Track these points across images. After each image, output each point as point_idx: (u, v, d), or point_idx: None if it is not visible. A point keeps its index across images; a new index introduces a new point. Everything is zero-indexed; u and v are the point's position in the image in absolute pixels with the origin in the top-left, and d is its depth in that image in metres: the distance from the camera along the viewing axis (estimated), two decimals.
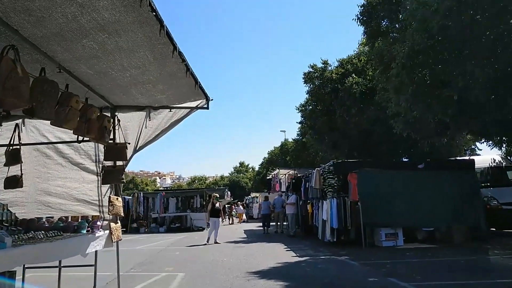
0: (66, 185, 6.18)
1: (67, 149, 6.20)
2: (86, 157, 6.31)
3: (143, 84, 5.35)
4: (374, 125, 19.75)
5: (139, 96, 5.82)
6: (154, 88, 5.55)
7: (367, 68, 20.66)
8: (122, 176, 6.11)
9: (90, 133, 5.11)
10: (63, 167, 6.18)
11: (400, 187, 13.20)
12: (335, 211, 13.29)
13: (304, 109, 23.93)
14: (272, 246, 14.25)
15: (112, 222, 6.08)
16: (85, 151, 6.31)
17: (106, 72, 4.86)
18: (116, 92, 5.59)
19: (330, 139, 22.07)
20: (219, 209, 16.26)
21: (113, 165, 6.07)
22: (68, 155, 6.19)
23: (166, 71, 4.99)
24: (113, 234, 6.00)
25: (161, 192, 27.08)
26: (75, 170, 6.25)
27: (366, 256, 11.17)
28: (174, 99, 6.13)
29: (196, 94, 5.92)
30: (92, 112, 5.09)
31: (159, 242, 16.73)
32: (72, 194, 6.22)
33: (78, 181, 6.25)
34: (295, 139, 37.50)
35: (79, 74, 4.87)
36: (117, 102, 6.04)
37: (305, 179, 17.12)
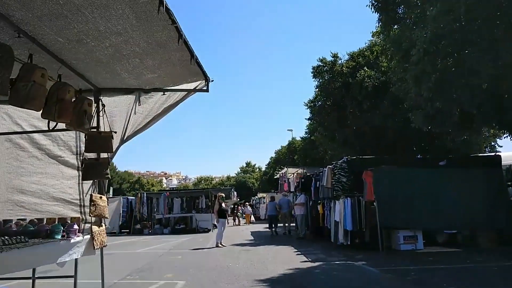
0: (42, 182, 5.23)
1: (44, 139, 5.23)
2: (65, 149, 5.36)
3: (128, 58, 4.41)
4: (388, 121, 18.71)
5: (126, 76, 4.87)
6: (142, 64, 4.60)
7: (380, 60, 19.61)
8: (106, 170, 5.17)
9: (63, 117, 4.17)
10: (39, 161, 5.22)
11: (420, 186, 12.18)
12: (349, 212, 12.31)
13: (313, 105, 22.85)
14: (281, 250, 13.27)
15: (94, 225, 5.13)
16: (65, 141, 5.35)
17: (80, 40, 3.91)
18: (98, 70, 4.65)
19: (340, 136, 20.98)
20: (226, 210, 15.34)
21: (96, 158, 5.14)
22: (44, 146, 5.22)
23: (154, 39, 4.04)
24: (95, 240, 5.05)
25: (165, 192, 26.12)
26: (53, 164, 5.30)
27: (385, 262, 10.19)
28: (168, 80, 5.18)
29: (193, 73, 4.98)
30: (65, 91, 4.15)
31: (161, 245, 15.81)
32: (49, 192, 5.27)
33: (56, 176, 5.30)
34: (303, 137, 36.46)
35: (46, 42, 3.92)
36: (101, 83, 5.10)
37: (316, 178, 16.13)
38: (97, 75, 4.83)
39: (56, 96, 4.04)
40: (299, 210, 17.20)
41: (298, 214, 17.33)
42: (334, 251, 12.31)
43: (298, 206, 17.32)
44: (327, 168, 13.84)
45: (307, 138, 34.72)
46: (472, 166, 12.92)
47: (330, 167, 13.75)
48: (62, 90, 4.10)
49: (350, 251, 11.93)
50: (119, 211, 23.92)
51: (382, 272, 8.75)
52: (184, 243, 16.26)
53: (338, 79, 20.74)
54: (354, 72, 20.14)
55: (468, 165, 13.02)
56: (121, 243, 17.12)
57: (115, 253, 13.20)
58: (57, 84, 4.13)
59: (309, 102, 23.15)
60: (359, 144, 19.67)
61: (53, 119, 4.13)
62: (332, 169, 13.65)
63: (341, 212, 12.62)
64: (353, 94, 19.52)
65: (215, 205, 15.20)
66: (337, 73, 20.94)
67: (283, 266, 9.75)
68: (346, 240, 12.46)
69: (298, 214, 17.33)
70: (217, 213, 14.55)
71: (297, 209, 17.39)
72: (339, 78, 20.77)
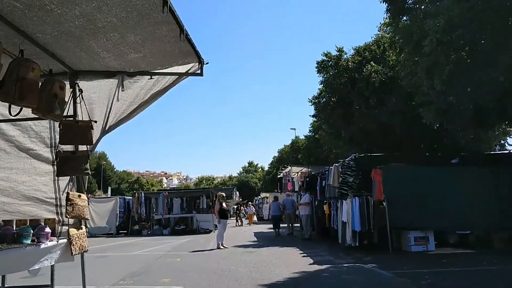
0: (11, 178, 4.53)
1: (12, 130, 4.51)
2: (38, 141, 4.67)
3: (106, 32, 3.72)
4: (395, 118, 18.00)
5: (106, 55, 4.19)
6: (123, 41, 3.91)
7: (388, 54, 18.90)
8: (86, 165, 4.50)
9: (26, 100, 3.50)
10: (7, 154, 4.51)
11: (431, 184, 11.53)
12: (357, 212, 11.64)
13: (318, 102, 22.05)
14: (286, 251, 12.58)
15: (72, 228, 4.47)
16: (37, 132, 4.66)
17: (42, 6, 3.23)
18: (70, 47, 3.96)
19: (346, 134, 20.22)
20: (228, 209, 14.66)
21: (73, 151, 4.48)
22: (13, 138, 4.51)
23: (133, 7, 3.35)
24: (73, 245, 4.38)
25: (164, 192, 25.40)
26: (24, 158, 4.60)
27: (396, 264, 9.54)
28: (155, 61, 4.49)
29: (184, 53, 4.29)
30: (28, 69, 3.47)
31: (160, 246, 15.14)
32: (20, 190, 4.58)
33: (28, 172, 4.62)
34: (307, 135, 35.73)
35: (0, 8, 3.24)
36: (77, 64, 4.41)
37: (321, 176, 15.46)
38: (70, 54, 4.14)
39: (17, 74, 3.37)
40: (304, 210, 16.53)
41: (303, 214, 16.67)
42: (342, 252, 11.66)
43: (302, 206, 16.65)
44: (333, 167, 13.17)
45: (311, 136, 34.00)
46: (485, 164, 12.27)
47: (337, 165, 13.07)
48: (24, 67, 3.43)
49: (359, 253, 11.32)
50: (116, 212, 23.22)
51: (394, 276, 8.13)
52: (183, 245, 15.59)
53: (344, 74, 20.03)
54: (360, 67, 19.43)
55: (481, 163, 12.35)
56: (117, 245, 16.47)
57: (109, 255, 12.54)
58: (18, 60, 3.46)
59: (313, 98, 22.36)
60: (366, 142, 18.92)
61: (13, 102, 3.46)
62: (338, 168, 12.97)
63: (349, 212, 11.96)
64: (359, 90, 18.82)
65: (215, 205, 14.51)
66: (342, 68, 20.22)
67: (288, 269, 9.12)
68: (354, 241, 11.81)
69: (303, 214, 16.67)
70: (217, 213, 13.87)
71: (302, 209, 16.73)
72: (344, 73, 20.06)
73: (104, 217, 23.21)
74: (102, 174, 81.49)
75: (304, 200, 16.63)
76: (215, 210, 14.23)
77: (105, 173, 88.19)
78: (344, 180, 11.99)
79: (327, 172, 14.71)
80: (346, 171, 12.09)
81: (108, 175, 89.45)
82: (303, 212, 16.62)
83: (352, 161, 12.07)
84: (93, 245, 16.72)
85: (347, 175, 11.99)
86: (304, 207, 16.54)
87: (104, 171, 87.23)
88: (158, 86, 4.73)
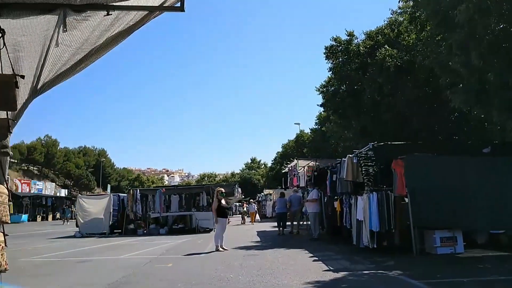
0: None
1: None
2: None
3: None
4: (412, 106, 16.45)
5: None
6: None
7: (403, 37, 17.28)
8: (5, 140, 2.98)
9: None
10: None
11: (460, 177, 9.98)
12: (375, 209, 10.13)
13: (326, 90, 20.44)
14: (293, 254, 11.06)
15: None
16: None
17: None
18: None
19: (357, 124, 18.55)
20: (227, 207, 13.13)
21: None
22: None
23: None
24: None
25: (161, 188, 23.82)
26: None
27: (426, 271, 8.10)
28: None
29: None
30: None
31: (153, 248, 13.64)
32: None
33: None
34: (313, 128, 34.04)
35: None
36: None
37: (332, 170, 13.92)
38: None
39: None
40: (311, 207, 15.00)
41: (311, 212, 15.14)
42: (358, 256, 10.18)
43: (310, 203, 15.12)
44: (346, 158, 11.62)
45: (317, 129, 32.34)
46: None
47: (351, 157, 11.52)
48: None
49: (378, 256, 9.86)
50: (110, 210, 21.69)
51: (428, 286, 6.61)
52: (179, 246, 14.09)
53: (355, 60, 18.42)
54: (373, 52, 17.84)
55: None
56: (107, 247, 14.98)
57: (93, 260, 11.04)
58: None
59: (321, 87, 20.69)
60: (379, 133, 17.31)
61: None
62: (353, 159, 11.44)
63: (366, 209, 10.44)
64: (372, 76, 17.24)
65: (213, 202, 12.96)
66: (353, 54, 18.61)
67: (299, 278, 7.65)
68: (372, 242, 10.31)
69: (311, 212, 15.14)
70: (215, 212, 12.34)
71: (309, 206, 15.20)
72: (355, 59, 18.46)
73: (96, 216, 21.72)
74: (102, 171, 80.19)
75: (312, 197, 15.10)
76: (212, 208, 12.68)
77: (105, 170, 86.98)
78: (368, 171, 10.44)
79: (339, 165, 13.19)
80: (366, 162, 10.53)
81: (107, 172, 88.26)
82: (310, 210, 15.10)
83: (371, 151, 10.49)
84: (81, 246, 15.34)
85: (368, 166, 10.45)
86: (312, 204, 15.02)
87: (104, 168, 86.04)
88: (118, 25, 3.20)
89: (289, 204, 18.70)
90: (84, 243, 16.68)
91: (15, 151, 66.98)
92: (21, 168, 70.68)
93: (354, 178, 11.32)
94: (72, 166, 77.42)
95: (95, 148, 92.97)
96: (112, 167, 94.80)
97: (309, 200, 15.24)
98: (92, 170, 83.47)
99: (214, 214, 12.33)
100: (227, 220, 12.93)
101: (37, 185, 62.06)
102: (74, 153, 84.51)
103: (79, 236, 21.07)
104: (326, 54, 19.34)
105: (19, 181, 56.38)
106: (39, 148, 71.57)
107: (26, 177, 64.26)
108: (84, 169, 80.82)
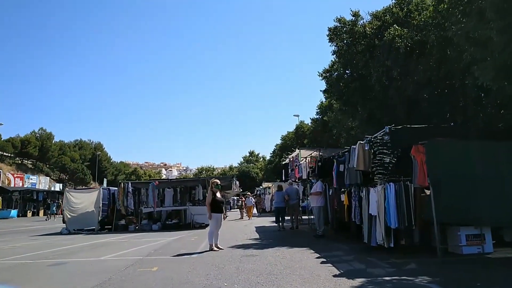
0: None
1: None
2: None
3: None
4: (424, 90, 15.06)
5: None
6: None
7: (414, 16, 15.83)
8: None
9: None
10: None
11: (491, 165, 8.60)
12: (393, 202, 8.78)
13: (329, 75, 18.98)
14: (297, 254, 9.71)
15: None
16: None
17: None
18: None
19: (364, 111, 17.15)
20: (222, 201, 11.73)
21: None
22: None
23: None
24: None
25: (154, 181, 22.35)
26: None
27: (457, 276, 6.88)
28: None
29: None
30: None
31: (141, 247, 12.27)
32: None
33: None
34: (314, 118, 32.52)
35: None
36: None
37: (338, 159, 12.56)
38: None
39: None
40: (315, 201, 13.67)
41: (314, 206, 13.82)
42: (372, 256, 8.88)
43: (314, 197, 13.80)
44: (357, 145, 10.23)
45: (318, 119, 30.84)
46: None
47: (362, 143, 10.15)
48: None
49: (395, 257, 8.60)
50: (99, 204, 20.32)
51: None
52: (170, 245, 12.73)
53: (361, 42, 16.99)
54: (380, 32, 16.42)
55: None
56: (90, 245, 13.60)
57: (67, 262, 9.64)
58: None
59: (324, 72, 19.22)
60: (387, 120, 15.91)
61: None
62: (364, 146, 10.06)
63: (381, 203, 9.09)
64: (379, 59, 15.84)
65: (207, 195, 11.55)
66: (358, 35, 17.16)
67: (307, 285, 6.31)
68: (388, 241, 8.97)
69: (314, 206, 13.82)
70: (209, 206, 10.96)
71: (313, 199, 13.88)
72: (361, 41, 17.03)
73: (85, 211, 20.36)
74: (98, 165, 78.81)
75: (316, 189, 13.76)
76: (206, 202, 11.27)
77: (101, 164, 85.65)
78: (382, 161, 9.04)
79: (347, 154, 11.85)
80: (381, 150, 9.13)
81: (104, 166, 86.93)
82: (314, 204, 13.79)
83: (387, 136, 9.06)
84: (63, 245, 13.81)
85: (383, 154, 9.05)
86: (316, 197, 13.69)
87: (100, 162, 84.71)
88: None
89: (287, 197, 17.67)
90: (68, 241, 15.34)
91: (9, 145, 65.73)
92: (14, 162, 69.31)
93: (366, 168, 9.96)
94: (67, 159, 75.99)
95: (91, 142, 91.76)
96: (109, 161, 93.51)
97: (313, 193, 13.92)
98: (88, 164, 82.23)
99: (208, 209, 10.94)
100: (223, 215, 11.55)
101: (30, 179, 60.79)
102: (70, 146, 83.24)
103: (66, 232, 19.73)
104: (329, 36, 17.83)
105: (12, 175, 55.02)
106: (34, 141, 70.06)
107: (19, 171, 62.86)
108: (80, 162, 79.48)
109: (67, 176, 77.53)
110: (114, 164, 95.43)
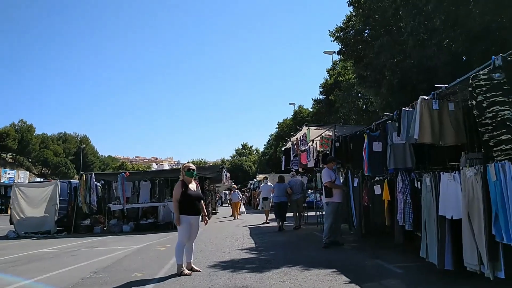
0: None
1: None
2: None
3: None
4: (478, 44, 11.10)
5: None
6: None
7: None
8: None
9: None
10: None
11: None
12: None
13: (344, 34, 14.78)
14: (321, 285, 5.69)
15: None
16: None
17: None
18: None
19: (394, 76, 12.78)
20: (199, 196, 7.49)
21: None
22: None
23: None
24: None
25: (124, 172, 18.12)
26: None
27: None
28: None
29: None
30: None
31: (79, 266, 8.18)
32: None
33: None
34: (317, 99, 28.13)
35: None
36: None
37: (371, 134, 8.51)
38: None
39: None
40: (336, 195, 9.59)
41: (331, 202, 9.63)
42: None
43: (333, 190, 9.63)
44: (419, 102, 6.14)
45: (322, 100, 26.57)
46: None
47: (427, 100, 6.11)
48: None
49: None
50: (56, 201, 16.24)
51: None
52: (124, 262, 8.63)
53: None
54: None
55: None
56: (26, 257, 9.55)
57: None
58: None
59: (337, 30, 15.05)
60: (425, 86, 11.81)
61: None
62: (429, 103, 6.03)
63: (477, 196, 5.05)
64: (415, 3, 11.78)
65: (175, 187, 7.33)
66: None
67: None
68: (494, 266, 4.91)
69: (331, 202, 9.63)
70: (177, 204, 6.86)
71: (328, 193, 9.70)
72: None
73: (38, 209, 16.32)
74: (83, 159, 74.55)
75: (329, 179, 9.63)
76: (173, 198, 7.07)
77: (87, 158, 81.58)
78: (495, 118, 4.77)
79: (389, 124, 7.90)
80: (492, 98, 4.86)
81: (90, 160, 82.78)
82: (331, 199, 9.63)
83: (497, 73, 4.88)
84: None
85: (499, 104, 4.79)
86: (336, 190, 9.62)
87: (86, 156, 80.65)
88: None
89: (290, 190, 14.48)
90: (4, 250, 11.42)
91: None
92: None
93: (435, 140, 5.96)
94: (49, 153, 71.93)
95: (76, 135, 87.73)
96: (95, 155, 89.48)
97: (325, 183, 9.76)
98: (73, 157, 78.20)
99: (175, 209, 6.85)
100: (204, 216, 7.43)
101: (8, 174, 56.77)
102: (53, 139, 79.33)
103: (13, 236, 15.79)
104: None
105: None
106: (13, 133, 65.86)
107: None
108: (64, 156, 75.40)
109: (49, 170, 73.28)
110: (101, 158, 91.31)
